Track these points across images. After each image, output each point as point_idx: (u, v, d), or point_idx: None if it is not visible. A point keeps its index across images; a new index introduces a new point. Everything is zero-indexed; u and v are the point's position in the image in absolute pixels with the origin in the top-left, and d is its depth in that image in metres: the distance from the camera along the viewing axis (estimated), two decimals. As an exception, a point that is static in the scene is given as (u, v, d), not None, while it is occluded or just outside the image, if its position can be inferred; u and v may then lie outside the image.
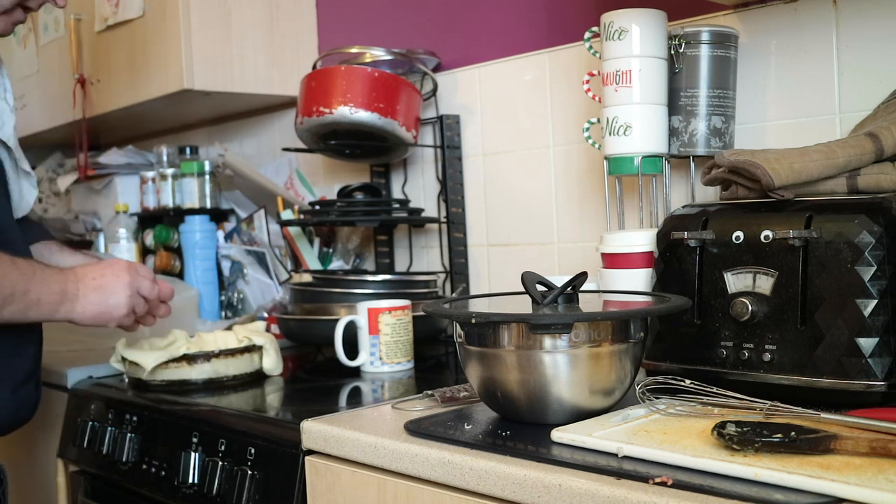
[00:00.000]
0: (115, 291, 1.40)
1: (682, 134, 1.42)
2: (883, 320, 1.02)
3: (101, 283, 1.39)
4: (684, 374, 1.11)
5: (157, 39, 2.12)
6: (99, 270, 1.41)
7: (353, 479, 1.13)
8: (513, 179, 1.85)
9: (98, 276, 1.40)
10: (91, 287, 1.38)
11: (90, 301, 1.38)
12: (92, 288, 1.38)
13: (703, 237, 1.17)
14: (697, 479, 0.83)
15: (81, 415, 1.65)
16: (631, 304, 1.22)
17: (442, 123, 1.92)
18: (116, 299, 1.40)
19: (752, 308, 1.10)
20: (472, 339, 1.08)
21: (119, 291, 1.41)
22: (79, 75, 2.40)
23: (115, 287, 1.40)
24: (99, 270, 1.41)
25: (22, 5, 1.38)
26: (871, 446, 0.85)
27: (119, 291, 1.41)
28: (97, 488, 1.63)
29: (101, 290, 1.39)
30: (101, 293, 1.39)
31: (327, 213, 1.90)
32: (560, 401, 1.04)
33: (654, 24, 1.39)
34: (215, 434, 1.36)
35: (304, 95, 1.87)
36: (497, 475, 0.93)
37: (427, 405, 1.22)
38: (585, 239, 1.72)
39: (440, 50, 1.98)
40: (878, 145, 1.16)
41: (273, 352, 1.63)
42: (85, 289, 1.38)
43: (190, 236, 2.30)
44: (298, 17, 2.26)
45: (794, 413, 0.98)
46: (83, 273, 1.39)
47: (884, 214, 1.04)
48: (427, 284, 1.83)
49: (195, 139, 2.71)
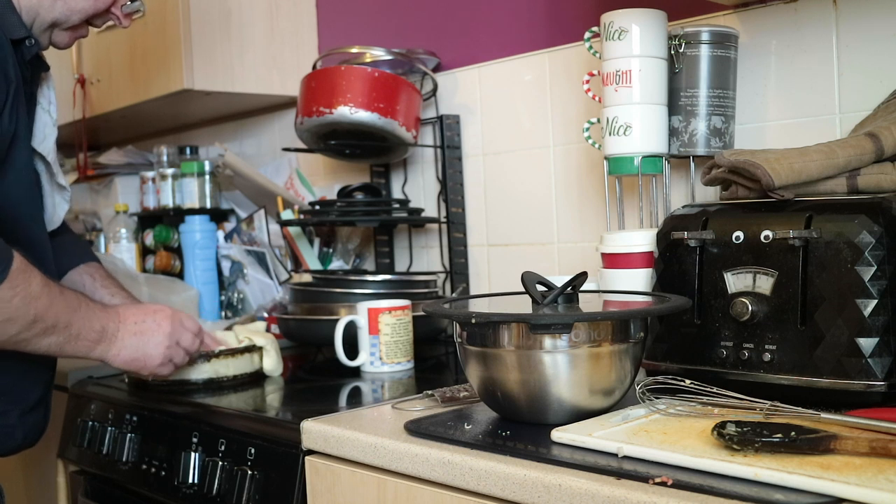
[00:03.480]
0: (154, 340, 1.38)
1: (682, 134, 1.42)
2: (883, 320, 1.02)
3: (141, 328, 1.37)
4: (684, 374, 1.11)
5: (157, 39, 2.12)
6: (141, 315, 1.39)
7: (353, 479, 1.13)
8: (513, 179, 1.85)
9: (139, 322, 1.38)
10: (131, 331, 1.36)
11: (126, 345, 1.36)
12: (131, 332, 1.36)
13: (703, 237, 1.17)
14: (697, 479, 0.83)
15: (81, 415, 1.65)
16: (631, 304, 1.22)
17: (442, 123, 1.92)
18: (153, 349, 1.38)
19: (752, 308, 1.10)
20: (472, 339, 1.08)
21: (158, 341, 1.38)
22: (79, 75, 2.40)
23: (154, 335, 1.38)
24: (141, 315, 1.39)
25: (89, 23, 1.40)
26: (871, 446, 0.85)
27: (158, 341, 1.38)
28: (97, 488, 1.63)
29: (140, 335, 1.37)
30: (139, 339, 1.37)
31: (327, 213, 1.90)
32: (560, 401, 1.04)
33: (654, 24, 1.39)
34: (215, 434, 1.36)
35: (304, 95, 1.87)
36: (497, 475, 0.93)
37: (427, 405, 1.22)
38: (585, 239, 1.72)
39: (440, 50, 1.98)
40: (878, 145, 1.16)
41: (273, 352, 1.62)
42: (124, 332, 1.35)
43: (190, 236, 2.30)
44: (298, 17, 2.26)
45: (794, 413, 0.98)
46: (125, 315, 1.37)
47: (884, 214, 1.04)
48: (427, 284, 1.83)
49: (195, 139, 2.71)
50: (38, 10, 1.32)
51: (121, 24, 1.43)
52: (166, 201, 2.40)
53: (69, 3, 1.34)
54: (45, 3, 1.32)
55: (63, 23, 1.36)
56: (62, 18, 1.35)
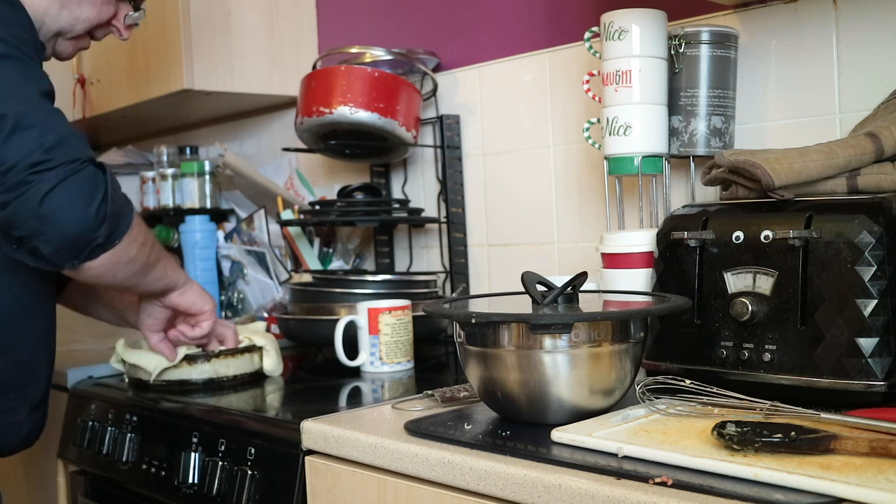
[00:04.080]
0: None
1: (682, 134, 1.42)
2: (883, 320, 1.02)
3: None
4: (684, 374, 1.11)
5: (157, 39, 2.12)
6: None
7: (353, 479, 1.13)
8: (513, 179, 1.85)
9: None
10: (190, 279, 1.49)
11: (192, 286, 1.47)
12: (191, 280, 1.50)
13: (703, 237, 1.17)
14: (697, 479, 0.83)
15: (81, 415, 1.65)
16: (631, 304, 1.22)
17: (442, 123, 1.92)
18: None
19: (752, 308, 1.10)
20: (472, 339, 1.08)
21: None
22: (79, 75, 2.40)
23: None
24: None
25: (91, 34, 1.44)
26: (871, 446, 0.85)
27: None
28: (97, 488, 1.63)
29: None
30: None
31: (327, 213, 1.90)
32: (560, 401, 1.04)
33: (654, 24, 1.39)
34: (215, 434, 1.36)
35: (304, 95, 1.87)
36: (497, 475, 0.93)
37: (427, 405, 1.22)
38: (585, 239, 1.72)
39: (440, 50, 1.98)
40: (878, 145, 1.16)
41: (273, 353, 1.62)
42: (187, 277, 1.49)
43: (190, 236, 2.30)
44: (298, 17, 2.26)
45: (794, 413, 0.98)
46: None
47: (884, 214, 1.04)
48: (427, 284, 1.83)
49: (195, 139, 2.71)
50: (44, 20, 1.34)
51: (121, 37, 1.47)
52: (166, 201, 2.40)
53: (74, 13, 1.37)
54: (52, 12, 1.35)
55: (67, 32, 1.39)
56: (66, 28, 1.38)
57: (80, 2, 1.37)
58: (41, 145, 1.12)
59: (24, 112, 1.13)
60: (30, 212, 1.12)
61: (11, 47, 1.18)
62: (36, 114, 1.14)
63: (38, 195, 1.11)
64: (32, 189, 1.11)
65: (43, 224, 1.12)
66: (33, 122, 1.13)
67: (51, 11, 1.34)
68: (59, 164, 1.12)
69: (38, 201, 1.11)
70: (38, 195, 1.11)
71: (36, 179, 1.11)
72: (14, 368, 1.35)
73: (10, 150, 1.11)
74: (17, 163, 1.11)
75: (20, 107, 1.14)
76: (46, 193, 1.11)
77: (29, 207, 1.11)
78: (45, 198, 1.11)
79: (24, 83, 1.18)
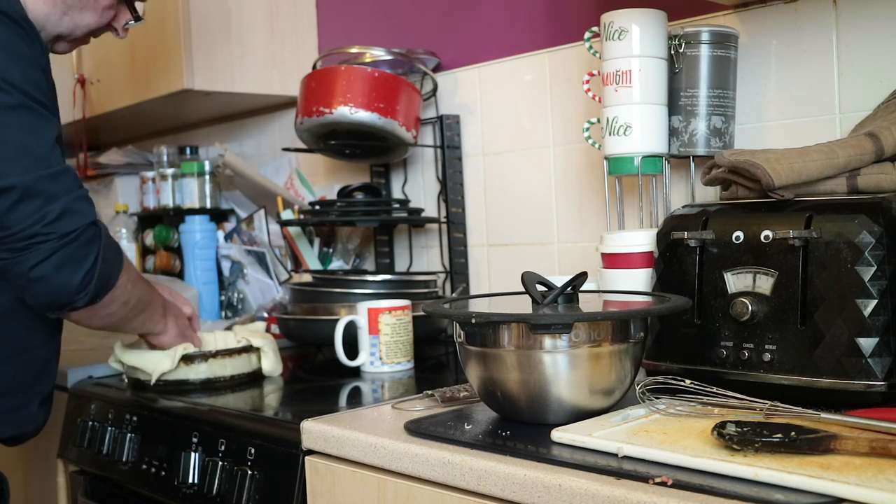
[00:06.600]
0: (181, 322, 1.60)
1: (682, 134, 1.42)
2: (883, 320, 1.02)
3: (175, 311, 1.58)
4: (684, 374, 1.11)
5: (157, 39, 2.12)
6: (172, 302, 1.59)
7: (353, 479, 1.13)
8: (513, 179, 1.85)
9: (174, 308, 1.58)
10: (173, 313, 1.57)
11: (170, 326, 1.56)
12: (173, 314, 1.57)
13: (703, 237, 1.17)
14: (697, 479, 0.83)
15: (81, 415, 1.65)
16: (631, 304, 1.22)
17: (442, 123, 1.92)
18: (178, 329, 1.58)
19: (752, 308, 1.10)
20: (472, 339, 1.08)
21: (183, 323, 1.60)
22: (79, 75, 2.40)
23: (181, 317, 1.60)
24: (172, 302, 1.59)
25: (91, 34, 1.45)
26: (871, 446, 0.85)
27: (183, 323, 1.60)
28: (97, 488, 1.63)
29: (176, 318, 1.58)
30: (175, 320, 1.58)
31: (327, 213, 1.90)
32: (560, 401, 1.04)
33: (654, 24, 1.39)
34: (215, 434, 1.36)
35: (304, 95, 1.87)
36: (497, 475, 0.93)
37: (427, 405, 1.22)
38: (585, 239, 1.72)
39: (440, 50, 1.98)
40: (878, 145, 1.16)
41: (272, 354, 1.62)
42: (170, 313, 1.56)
43: (190, 236, 2.30)
44: (298, 17, 2.26)
45: (794, 413, 0.98)
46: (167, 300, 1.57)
47: (884, 214, 1.04)
48: (427, 284, 1.83)
49: (195, 139, 2.71)
50: (45, 24, 1.35)
51: (118, 36, 1.48)
52: (166, 201, 2.40)
53: (75, 19, 1.38)
54: (53, 18, 1.36)
55: (68, 36, 1.41)
56: (67, 32, 1.39)
57: (81, 9, 1.38)
58: (43, 217, 1.20)
59: (30, 182, 1.20)
60: (20, 273, 1.23)
61: (26, 97, 1.23)
62: (43, 182, 1.21)
63: (30, 263, 1.21)
64: (26, 256, 1.21)
65: (30, 284, 1.23)
66: (40, 190, 1.21)
67: (52, 17, 1.35)
68: (56, 237, 1.21)
69: (28, 268, 1.21)
70: (30, 263, 1.21)
71: (31, 249, 1.21)
72: (28, 367, 1.38)
73: (13, 218, 1.20)
74: (18, 231, 1.20)
75: (27, 176, 1.20)
76: (37, 263, 1.21)
77: (20, 270, 1.22)
78: (35, 266, 1.21)
79: (36, 133, 1.24)
